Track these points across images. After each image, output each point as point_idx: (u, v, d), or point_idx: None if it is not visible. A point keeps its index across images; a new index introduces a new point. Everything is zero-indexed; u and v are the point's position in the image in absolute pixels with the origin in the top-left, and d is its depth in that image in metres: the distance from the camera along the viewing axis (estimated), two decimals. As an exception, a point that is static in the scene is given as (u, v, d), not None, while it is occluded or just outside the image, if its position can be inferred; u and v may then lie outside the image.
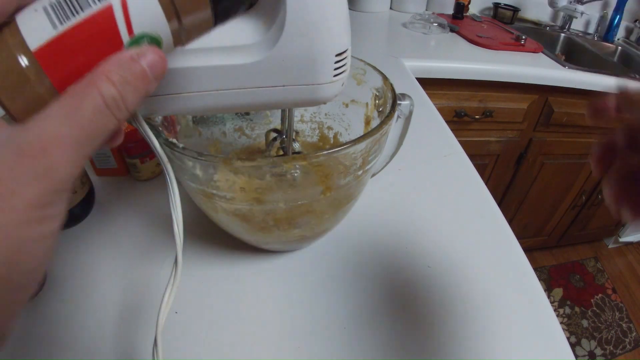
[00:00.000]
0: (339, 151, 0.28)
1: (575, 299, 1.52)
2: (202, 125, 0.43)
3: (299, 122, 0.48)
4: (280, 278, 0.40)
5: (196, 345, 0.34)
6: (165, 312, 0.23)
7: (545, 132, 1.20)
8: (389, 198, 0.51)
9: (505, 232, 0.47)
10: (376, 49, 1.06)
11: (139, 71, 0.14)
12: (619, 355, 1.36)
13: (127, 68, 0.13)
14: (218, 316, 0.36)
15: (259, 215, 0.34)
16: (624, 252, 1.78)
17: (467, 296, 0.39)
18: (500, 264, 0.43)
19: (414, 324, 0.36)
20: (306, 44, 0.23)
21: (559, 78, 1.06)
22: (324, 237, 0.43)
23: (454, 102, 1.07)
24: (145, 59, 0.14)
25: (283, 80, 0.24)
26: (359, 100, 0.42)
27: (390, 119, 0.33)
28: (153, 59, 0.14)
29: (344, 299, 0.38)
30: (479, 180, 0.55)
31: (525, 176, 1.31)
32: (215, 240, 0.43)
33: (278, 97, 0.25)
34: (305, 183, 0.31)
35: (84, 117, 0.12)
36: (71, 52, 0.14)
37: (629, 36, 1.53)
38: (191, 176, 0.30)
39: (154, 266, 0.39)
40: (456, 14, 1.31)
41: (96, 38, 0.14)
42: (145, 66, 0.14)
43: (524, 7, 1.50)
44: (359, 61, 0.40)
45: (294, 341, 0.34)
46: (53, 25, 0.13)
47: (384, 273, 0.41)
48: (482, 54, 1.09)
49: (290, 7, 0.22)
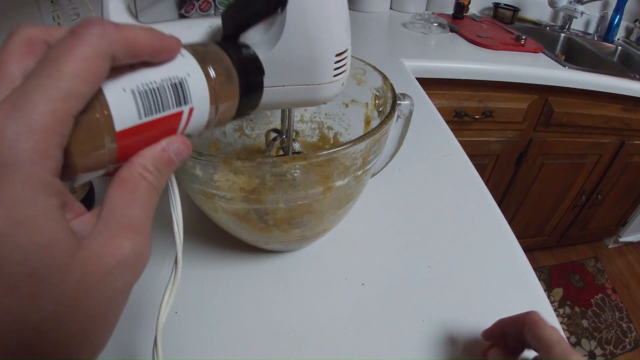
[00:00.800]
0: (339, 151, 0.28)
1: (575, 299, 1.52)
2: (202, 125, 0.43)
3: (299, 122, 0.48)
4: (280, 278, 0.40)
5: (196, 345, 0.34)
6: (165, 312, 0.23)
7: (545, 132, 1.20)
8: (389, 198, 0.51)
9: (505, 232, 0.47)
10: (376, 49, 1.06)
11: (166, 159, 0.17)
12: (619, 355, 1.36)
13: (159, 159, 0.17)
14: (218, 316, 0.36)
15: (258, 215, 0.34)
16: (624, 252, 1.78)
17: (467, 296, 0.39)
18: (500, 264, 0.43)
19: (413, 324, 0.36)
20: (306, 44, 0.23)
21: (559, 78, 1.06)
22: (324, 237, 0.43)
23: (454, 102, 1.07)
24: (173, 147, 0.18)
25: (283, 80, 0.24)
26: (359, 100, 0.42)
27: (390, 119, 0.33)
28: (179, 148, 0.18)
29: (344, 299, 0.38)
30: (479, 180, 0.55)
31: (525, 176, 1.31)
32: (215, 240, 0.43)
33: (278, 97, 0.25)
34: (305, 183, 0.31)
35: (140, 200, 0.16)
36: (141, 138, 0.16)
37: (629, 36, 1.53)
38: (191, 176, 0.30)
39: (153, 266, 0.39)
40: (456, 14, 1.31)
41: (162, 132, 0.17)
42: (172, 155, 0.18)
43: (524, 7, 1.50)
44: (359, 61, 0.40)
45: (294, 341, 0.34)
46: (139, 115, 0.16)
47: (384, 273, 0.41)
48: (482, 54, 1.09)
49: (290, 7, 0.22)
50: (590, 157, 1.30)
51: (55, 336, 0.13)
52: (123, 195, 0.16)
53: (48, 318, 0.13)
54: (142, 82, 0.16)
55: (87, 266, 0.14)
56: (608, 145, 1.27)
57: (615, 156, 1.31)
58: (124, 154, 0.16)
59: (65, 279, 0.13)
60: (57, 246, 0.13)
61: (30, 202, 0.12)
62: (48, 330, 0.13)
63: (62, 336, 0.14)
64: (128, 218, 0.16)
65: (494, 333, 0.34)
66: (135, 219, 0.16)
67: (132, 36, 0.15)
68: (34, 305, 0.13)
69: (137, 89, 0.16)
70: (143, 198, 0.16)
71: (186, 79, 0.18)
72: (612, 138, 1.25)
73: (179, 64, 0.18)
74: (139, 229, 0.16)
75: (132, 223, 0.16)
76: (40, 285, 0.13)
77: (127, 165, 0.16)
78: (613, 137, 1.25)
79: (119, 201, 0.16)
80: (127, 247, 0.15)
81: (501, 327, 0.33)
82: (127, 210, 0.16)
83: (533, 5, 1.52)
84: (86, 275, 0.14)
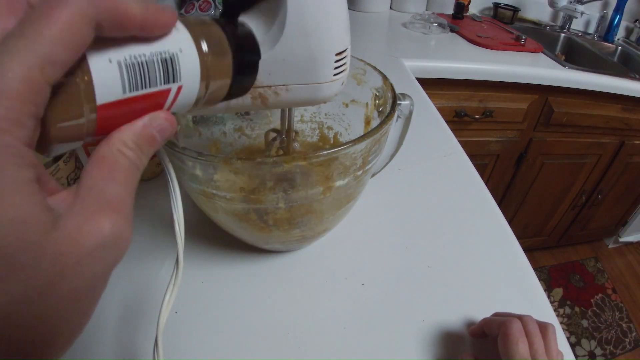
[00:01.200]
0: (339, 151, 0.28)
1: (575, 299, 1.52)
2: (202, 125, 0.43)
3: (299, 122, 0.48)
4: (280, 278, 0.40)
5: (197, 345, 0.34)
6: (166, 312, 0.23)
7: (545, 132, 1.20)
8: (389, 198, 0.51)
9: (505, 232, 0.47)
10: (376, 49, 1.06)
11: (148, 136, 0.16)
12: (619, 355, 1.36)
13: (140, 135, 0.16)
14: (218, 316, 0.36)
15: (258, 215, 0.34)
16: (624, 252, 1.78)
17: (467, 296, 0.39)
18: (500, 264, 0.43)
19: (413, 324, 0.36)
20: (306, 43, 0.23)
21: (559, 78, 1.06)
22: (324, 237, 0.43)
23: (454, 102, 1.07)
24: (156, 123, 0.17)
25: (284, 80, 0.24)
26: (359, 100, 0.42)
27: (390, 119, 0.33)
28: (163, 125, 0.17)
29: (344, 299, 0.38)
30: (479, 180, 0.55)
31: (525, 176, 1.31)
32: (215, 240, 0.43)
33: (279, 96, 0.25)
34: (305, 183, 0.31)
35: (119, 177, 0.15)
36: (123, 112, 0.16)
37: (629, 36, 1.53)
38: (191, 176, 0.30)
39: (154, 266, 0.39)
40: (456, 14, 1.31)
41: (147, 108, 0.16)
42: (154, 132, 0.17)
43: (524, 7, 1.50)
44: (359, 61, 0.40)
45: (294, 341, 0.34)
46: (123, 89, 0.15)
47: (384, 273, 0.41)
48: (482, 54, 1.09)
49: (290, 7, 0.22)
50: (590, 157, 1.30)
51: (24, 321, 0.13)
52: (101, 172, 0.15)
53: (17, 301, 0.12)
54: (131, 55, 0.15)
55: (62, 247, 0.13)
56: (608, 145, 1.27)
57: (615, 156, 1.31)
58: (104, 128, 0.15)
59: (37, 260, 0.12)
60: (29, 223, 0.12)
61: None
62: (16, 315, 0.12)
63: (33, 322, 0.13)
64: (107, 196, 0.14)
65: (478, 332, 0.34)
66: (115, 197, 0.15)
67: (123, 6, 0.14)
68: (2, 287, 0.12)
69: (124, 61, 0.15)
70: (122, 176, 0.15)
71: (178, 55, 0.16)
72: (612, 138, 1.25)
73: (172, 38, 0.16)
74: (119, 207, 0.15)
75: (111, 202, 0.14)
76: (9, 266, 0.12)
77: (106, 141, 0.15)
78: (613, 137, 1.25)
79: (97, 178, 0.15)
80: (107, 228, 0.14)
81: (483, 326, 0.34)
82: (106, 188, 0.15)
83: (533, 5, 1.52)
84: (61, 257, 0.13)
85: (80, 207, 0.14)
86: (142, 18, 0.15)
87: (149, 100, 0.16)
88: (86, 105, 0.14)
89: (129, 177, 0.16)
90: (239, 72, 0.20)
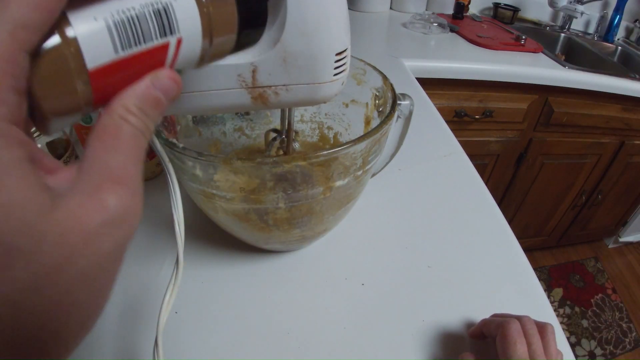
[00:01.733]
0: (339, 151, 0.28)
1: (575, 299, 1.52)
2: (202, 125, 0.43)
3: (299, 122, 0.48)
4: (280, 278, 0.40)
5: (197, 345, 0.34)
6: (166, 312, 0.23)
7: (545, 132, 1.20)
8: (389, 198, 0.51)
9: (505, 232, 0.47)
10: (376, 49, 1.06)
11: (152, 98, 0.15)
12: (619, 355, 1.36)
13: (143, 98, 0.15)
14: (218, 316, 0.36)
15: (258, 215, 0.34)
16: (624, 252, 1.78)
17: (467, 296, 0.39)
18: (500, 264, 0.43)
19: (413, 323, 0.36)
20: (306, 43, 0.23)
21: (559, 78, 1.06)
22: (324, 237, 0.43)
23: (454, 102, 1.07)
24: (159, 84, 0.15)
25: (284, 80, 0.24)
26: (359, 100, 0.42)
27: (390, 119, 0.33)
28: (167, 85, 0.15)
29: (344, 298, 0.38)
30: (479, 180, 0.55)
31: (525, 176, 1.31)
32: (215, 240, 0.43)
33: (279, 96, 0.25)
34: (305, 183, 0.31)
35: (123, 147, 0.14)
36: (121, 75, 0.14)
37: (629, 36, 1.53)
38: (191, 176, 0.30)
39: (154, 266, 0.39)
40: (456, 14, 1.31)
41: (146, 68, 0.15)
42: (159, 94, 0.15)
43: (524, 7, 1.50)
44: (359, 61, 0.40)
45: (294, 341, 0.34)
46: (115, 49, 0.14)
47: (384, 273, 0.41)
48: (482, 54, 1.09)
49: (290, 7, 0.22)
50: (590, 157, 1.30)
51: (34, 308, 0.12)
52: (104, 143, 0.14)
53: (25, 288, 0.12)
54: (118, 9, 0.14)
55: (64, 228, 0.12)
56: (608, 145, 1.27)
57: (615, 156, 1.31)
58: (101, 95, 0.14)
59: (39, 244, 0.12)
60: (24, 206, 0.11)
61: None
62: (25, 303, 0.12)
63: (44, 308, 0.12)
64: (111, 168, 0.13)
65: (477, 334, 0.34)
66: (119, 168, 0.14)
67: None
68: (7, 275, 0.11)
69: (112, 18, 0.13)
70: (127, 144, 0.14)
71: (171, 4, 0.15)
72: (612, 138, 1.25)
73: None
74: (124, 180, 0.14)
75: (115, 174, 0.13)
76: (9, 253, 0.11)
77: (107, 108, 0.14)
78: (613, 137, 1.25)
79: (99, 150, 0.14)
80: (112, 203, 0.13)
81: (482, 327, 0.34)
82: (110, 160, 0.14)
83: (533, 5, 1.52)
84: (65, 238, 0.12)
85: (82, 183, 0.13)
86: None
87: (147, 58, 0.15)
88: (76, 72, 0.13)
89: (133, 146, 0.14)
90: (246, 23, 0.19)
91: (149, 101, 0.15)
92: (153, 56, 0.15)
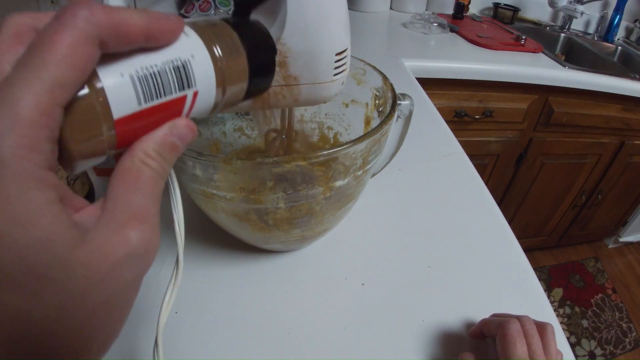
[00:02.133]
0: (339, 151, 0.28)
1: (575, 299, 1.52)
2: (202, 125, 0.43)
3: (299, 122, 0.48)
4: (280, 278, 0.40)
5: (197, 345, 0.34)
6: (166, 312, 0.23)
7: (545, 132, 1.20)
8: (389, 198, 0.51)
9: (505, 232, 0.47)
10: (376, 49, 1.06)
11: (169, 145, 0.17)
12: (619, 355, 1.36)
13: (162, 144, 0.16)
14: (218, 316, 0.36)
15: (258, 215, 0.34)
16: (624, 252, 1.78)
17: (467, 296, 0.39)
18: (500, 264, 0.43)
19: (413, 324, 0.36)
20: (306, 43, 0.23)
21: (559, 78, 1.06)
22: (324, 237, 0.43)
23: (454, 102, 1.07)
24: (176, 131, 0.17)
25: (284, 80, 0.24)
26: (359, 100, 0.42)
27: (390, 119, 0.33)
28: (183, 132, 0.17)
29: (344, 298, 0.38)
30: (479, 180, 0.55)
31: (525, 176, 1.31)
32: (215, 240, 0.43)
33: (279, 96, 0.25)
34: (305, 183, 0.31)
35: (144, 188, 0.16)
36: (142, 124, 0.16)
37: (629, 36, 1.53)
38: (191, 176, 0.30)
39: (154, 266, 0.39)
40: (456, 14, 1.31)
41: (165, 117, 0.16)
42: (176, 140, 0.17)
43: (524, 7, 1.50)
44: (359, 61, 0.40)
45: (294, 341, 0.34)
46: (139, 101, 0.15)
47: (384, 273, 0.41)
48: (482, 54, 1.09)
49: (290, 7, 0.22)
50: (590, 157, 1.30)
51: (62, 330, 0.13)
52: (126, 184, 0.15)
53: (54, 314, 0.13)
54: (142, 66, 0.15)
55: (92, 259, 0.13)
56: (608, 145, 1.27)
57: (615, 156, 1.31)
58: (124, 140, 0.15)
59: (68, 274, 0.13)
60: (56, 241, 0.13)
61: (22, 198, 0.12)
62: (54, 325, 0.13)
63: (70, 330, 0.14)
64: (133, 207, 0.15)
65: (477, 334, 0.34)
66: (141, 207, 0.15)
67: (124, 20, 0.14)
68: (38, 301, 0.12)
69: (137, 74, 0.15)
70: (147, 186, 0.16)
71: (190, 61, 0.17)
72: (612, 138, 1.25)
73: (182, 44, 0.16)
74: (146, 218, 0.15)
75: (137, 212, 0.15)
76: (42, 282, 0.12)
77: (129, 152, 0.16)
78: (613, 137, 1.25)
79: (122, 190, 0.15)
80: (135, 238, 0.15)
81: (481, 327, 0.34)
82: (132, 199, 0.15)
83: (533, 5, 1.52)
84: (91, 269, 0.13)
85: (107, 220, 0.15)
86: (145, 28, 0.15)
87: (166, 108, 0.16)
88: (104, 121, 0.14)
89: (153, 187, 0.16)
90: (256, 74, 0.20)
91: (167, 146, 0.16)
92: (172, 107, 0.16)
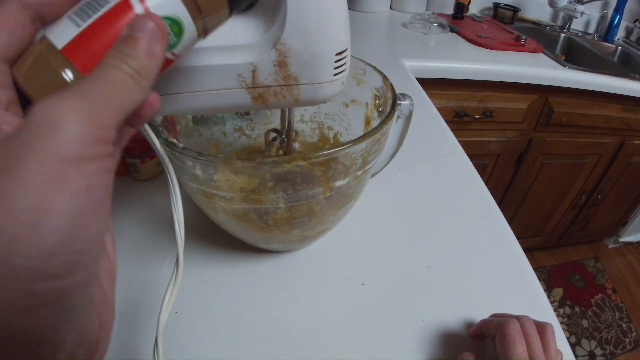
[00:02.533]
0: (338, 151, 0.28)
1: (575, 299, 1.52)
2: (202, 125, 0.43)
3: (299, 122, 0.48)
4: (280, 278, 0.40)
5: (197, 345, 0.34)
6: (166, 312, 0.23)
7: (545, 132, 1.20)
8: (389, 198, 0.51)
9: (505, 232, 0.47)
10: (376, 49, 1.06)
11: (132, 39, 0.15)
12: (619, 355, 1.36)
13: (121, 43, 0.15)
14: (218, 316, 0.36)
15: (258, 215, 0.34)
16: (624, 252, 1.78)
17: (467, 296, 0.39)
18: (500, 264, 0.43)
19: (413, 324, 0.36)
20: (307, 43, 0.23)
21: (559, 78, 1.06)
22: (324, 237, 0.43)
23: (454, 102, 1.07)
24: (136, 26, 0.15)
25: (284, 79, 0.24)
26: (359, 100, 0.42)
27: (390, 119, 0.33)
28: (140, 24, 0.15)
29: (344, 298, 0.38)
30: (479, 180, 0.55)
31: (525, 176, 1.31)
32: (215, 240, 0.43)
33: (279, 96, 0.25)
34: (305, 183, 0.31)
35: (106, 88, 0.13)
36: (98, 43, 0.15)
37: (629, 36, 1.53)
38: (191, 176, 0.30)
39: (154, 266, 0.39)
40: (456, 14, 1.31)
41: (120, 26, 0.15)
42: (138, 34, 0.15)
43: (524, 7, 1.50)
44: (359, 61, 0.40)
45: (294, 341, 0.34)
46: (77, 25, 0.15)
47: (384, 273, 0.41)
48: (482, 54, 1.09)
49: (290, 6, 0.22)
50: (590, 157, 1.30)
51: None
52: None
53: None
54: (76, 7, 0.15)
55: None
56: (608, 145, 1.27)
57: (615, 156, 1.31)
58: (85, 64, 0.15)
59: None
60: None
61: None
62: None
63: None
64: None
65: (477, 334, 0.34)
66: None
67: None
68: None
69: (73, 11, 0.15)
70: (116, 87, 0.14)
71: None
72: (612, 138, 1.25)
73: None
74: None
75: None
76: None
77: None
78: (613, 137, 1.25)
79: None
80: None
81: (481, 327, 0.34)
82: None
83: (533, 5, 1.52)
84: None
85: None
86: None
87: (113, 16, 0.15)
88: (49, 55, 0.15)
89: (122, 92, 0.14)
90: None
91: (129, 44, 0.15)
92: (119, 12, 0.15)
